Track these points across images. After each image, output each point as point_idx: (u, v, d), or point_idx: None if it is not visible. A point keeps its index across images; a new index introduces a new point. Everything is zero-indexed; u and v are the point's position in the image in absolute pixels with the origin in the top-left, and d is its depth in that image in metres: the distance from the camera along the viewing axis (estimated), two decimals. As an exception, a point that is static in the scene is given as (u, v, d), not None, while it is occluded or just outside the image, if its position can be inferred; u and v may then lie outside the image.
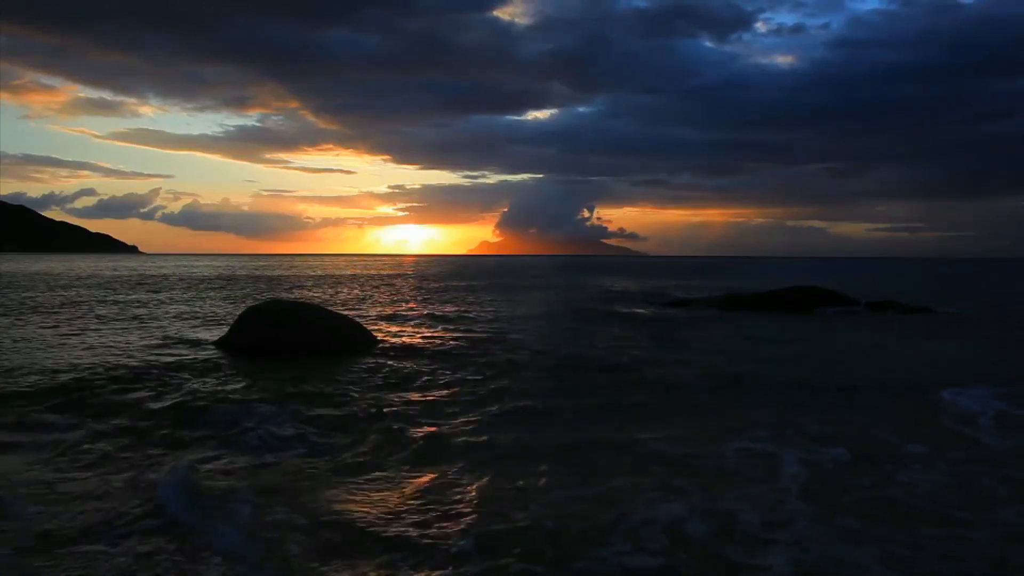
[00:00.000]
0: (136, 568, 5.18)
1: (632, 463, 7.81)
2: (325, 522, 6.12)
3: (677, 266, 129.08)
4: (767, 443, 8.56)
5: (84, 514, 6.17)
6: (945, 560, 5.47)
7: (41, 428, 9.21)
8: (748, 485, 7.08)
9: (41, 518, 6.07)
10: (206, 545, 5.57)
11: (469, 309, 29.08)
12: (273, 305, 18.55)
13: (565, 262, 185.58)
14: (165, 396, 11.14)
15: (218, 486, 7.00)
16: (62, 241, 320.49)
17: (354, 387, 12.12)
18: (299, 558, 5.44)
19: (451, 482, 7.25)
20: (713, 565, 5.37)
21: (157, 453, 8.20)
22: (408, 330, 20.97)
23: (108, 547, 5.51)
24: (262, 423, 9.40)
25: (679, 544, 5.69)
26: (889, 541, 5.76)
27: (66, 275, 59.33)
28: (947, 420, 9.97)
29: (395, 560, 5.41)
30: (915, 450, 8.38)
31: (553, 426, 9.64)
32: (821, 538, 5.79)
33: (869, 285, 49.88)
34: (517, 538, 5.77)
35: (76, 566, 5.20)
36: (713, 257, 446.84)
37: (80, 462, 7.75)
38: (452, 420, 9.87)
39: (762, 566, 5.31)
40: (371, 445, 8.59)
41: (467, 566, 5.30)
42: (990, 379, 13.05)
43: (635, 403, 11.01)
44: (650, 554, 5.52)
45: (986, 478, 7.37)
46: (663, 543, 5.70)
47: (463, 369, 14.00)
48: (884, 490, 7.01)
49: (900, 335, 20.76)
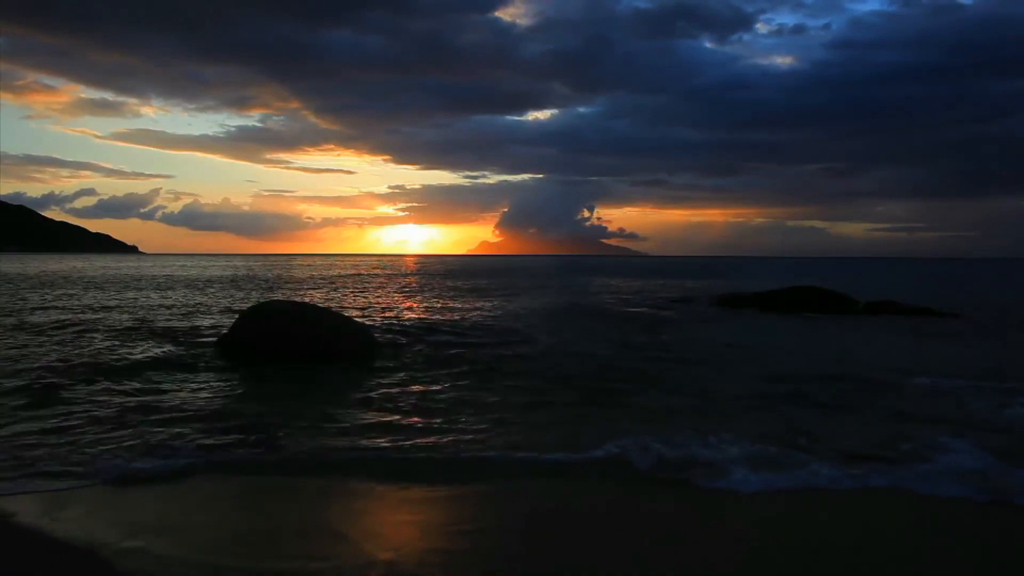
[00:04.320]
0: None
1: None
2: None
3: (677, 266, 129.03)
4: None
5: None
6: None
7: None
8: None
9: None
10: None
11: (470, 309, 29.07)
12: (273, 305, 18.55)
13: (565, 262, 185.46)
14: (147, 394, 11.15)
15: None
16: (62, 241, 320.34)
17: (352, 389, 12.13)
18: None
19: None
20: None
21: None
22: (408, 330, 20.95)
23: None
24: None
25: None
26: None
27: (64, 275, 59.29)
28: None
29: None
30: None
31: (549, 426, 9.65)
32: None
33: (869, 285, 49.88)
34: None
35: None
36: (713, 257, 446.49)
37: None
38: (448, 424, 9.88)
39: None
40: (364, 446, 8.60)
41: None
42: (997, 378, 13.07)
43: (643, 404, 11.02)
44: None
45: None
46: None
47: (463, 370, 14.01)
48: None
49: (900, 335, 20.75)
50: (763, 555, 5.61)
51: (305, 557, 5.36)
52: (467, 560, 5.35)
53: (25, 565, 5.30)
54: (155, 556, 5.36)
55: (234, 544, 5.63)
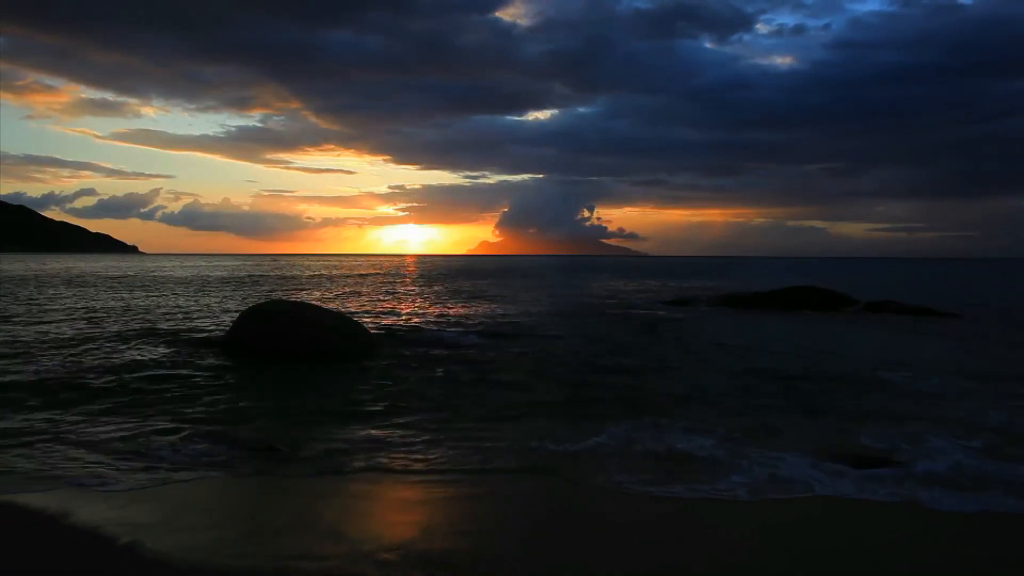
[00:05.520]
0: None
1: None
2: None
3: (677, 266, 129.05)
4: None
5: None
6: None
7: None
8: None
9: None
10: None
11: (469, 309, 29.07)
12: (273, 305, 18.54)
13: (565, 262, 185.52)
14: (147, 394, 11.15)
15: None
16: (62, 241, 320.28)
17: (351, 388, 12.13)
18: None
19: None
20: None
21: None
22: (408, 330, 20.93)
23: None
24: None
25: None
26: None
27: (63, 275, 59.30)
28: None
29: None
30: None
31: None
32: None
33: (869, 285, 49.87)
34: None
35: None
36: (713, 257, 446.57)
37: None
38: (448, 423, 9.87)
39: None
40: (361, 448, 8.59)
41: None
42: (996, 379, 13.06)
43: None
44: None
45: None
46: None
47: (461, 370, 14.00)
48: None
49: (900, 335, 20.75)
50: (751, 558, 5.60)
51: (305, 556, 5.35)
52: (467, 560, 5.34)
53: (32, 560, 5.31)
54: (155, 554, 5.35)
55: (234, 543, 5.62)
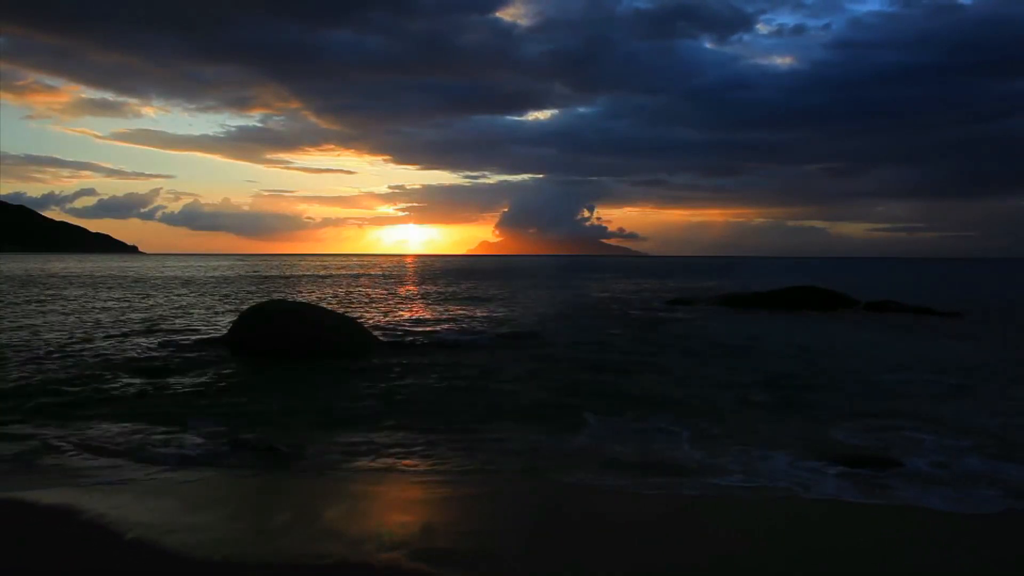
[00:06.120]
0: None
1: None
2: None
3: (677, 266, 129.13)
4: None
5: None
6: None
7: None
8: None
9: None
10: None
11: (468, 309, 29.08)
12: (274, 305, 18.55)
13: (565, 262, 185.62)
14: (148, 393, 11.15)
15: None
16: (62, 241, 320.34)
17: (351, 388, 12.13)
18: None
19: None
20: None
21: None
22: (407, 330, 20.95)
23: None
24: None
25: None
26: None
27: (63, 275, 59.33)
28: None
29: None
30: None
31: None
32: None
33: (869, 285, 49.90)
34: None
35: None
36: (713, 257, 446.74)
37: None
38: (447, 422, 9.87)
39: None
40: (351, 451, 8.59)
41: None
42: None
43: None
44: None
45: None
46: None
47: (461, 369, 14.00)
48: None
49: (900, 335, 20.75)
50: (751, 557, 5.60)
51: (307, 554, 5.35)
52: (467, 559, 5.34)
53: (43, 555, 5.31)
54: (162, 549, 5.35)
55: (237, 540, 5.61)
